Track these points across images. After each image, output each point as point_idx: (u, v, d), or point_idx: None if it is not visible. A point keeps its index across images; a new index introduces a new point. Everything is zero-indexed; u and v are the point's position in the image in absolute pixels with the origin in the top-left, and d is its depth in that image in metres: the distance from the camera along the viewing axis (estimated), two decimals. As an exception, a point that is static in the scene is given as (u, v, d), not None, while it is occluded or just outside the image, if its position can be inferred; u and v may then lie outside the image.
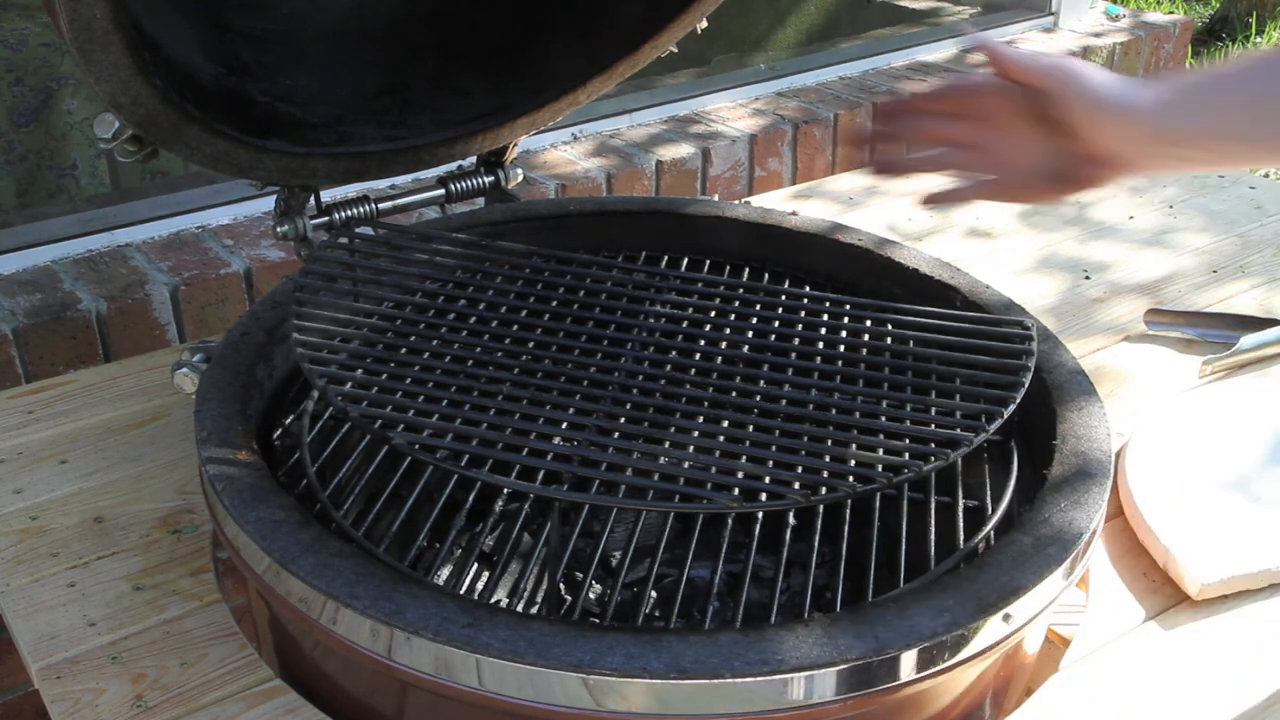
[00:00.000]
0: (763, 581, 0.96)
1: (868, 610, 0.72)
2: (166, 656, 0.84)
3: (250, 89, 1.02)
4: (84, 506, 0.99)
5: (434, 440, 0.78)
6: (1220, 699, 0.81)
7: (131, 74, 0.84)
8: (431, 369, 0.86)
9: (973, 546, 0.83)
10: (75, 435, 1.08)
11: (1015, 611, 0.73)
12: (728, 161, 1.80)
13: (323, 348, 0.86)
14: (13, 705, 1.31)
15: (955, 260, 1.14)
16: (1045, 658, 0.87)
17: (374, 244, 1.02)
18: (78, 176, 1.68)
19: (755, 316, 0.98)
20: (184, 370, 0.98)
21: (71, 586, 0.91)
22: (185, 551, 0.95)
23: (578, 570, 0.99)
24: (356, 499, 0.90)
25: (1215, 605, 0.89)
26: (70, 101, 1.65)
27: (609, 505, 0.90)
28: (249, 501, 0.79)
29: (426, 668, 0.71)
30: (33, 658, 0.84)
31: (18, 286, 1.39)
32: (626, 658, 0.68)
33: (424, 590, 0.72)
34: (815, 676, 0.68)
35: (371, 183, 1.48)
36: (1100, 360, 1.20)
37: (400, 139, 1.08)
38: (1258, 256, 1.40)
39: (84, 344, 1.36)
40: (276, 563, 0.75)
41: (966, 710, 0.79)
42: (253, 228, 1.53)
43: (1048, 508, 0.81)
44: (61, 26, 0.79)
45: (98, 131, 0.90)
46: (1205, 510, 0.95)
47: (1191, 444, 1.03)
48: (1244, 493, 0.97)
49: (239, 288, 1.44)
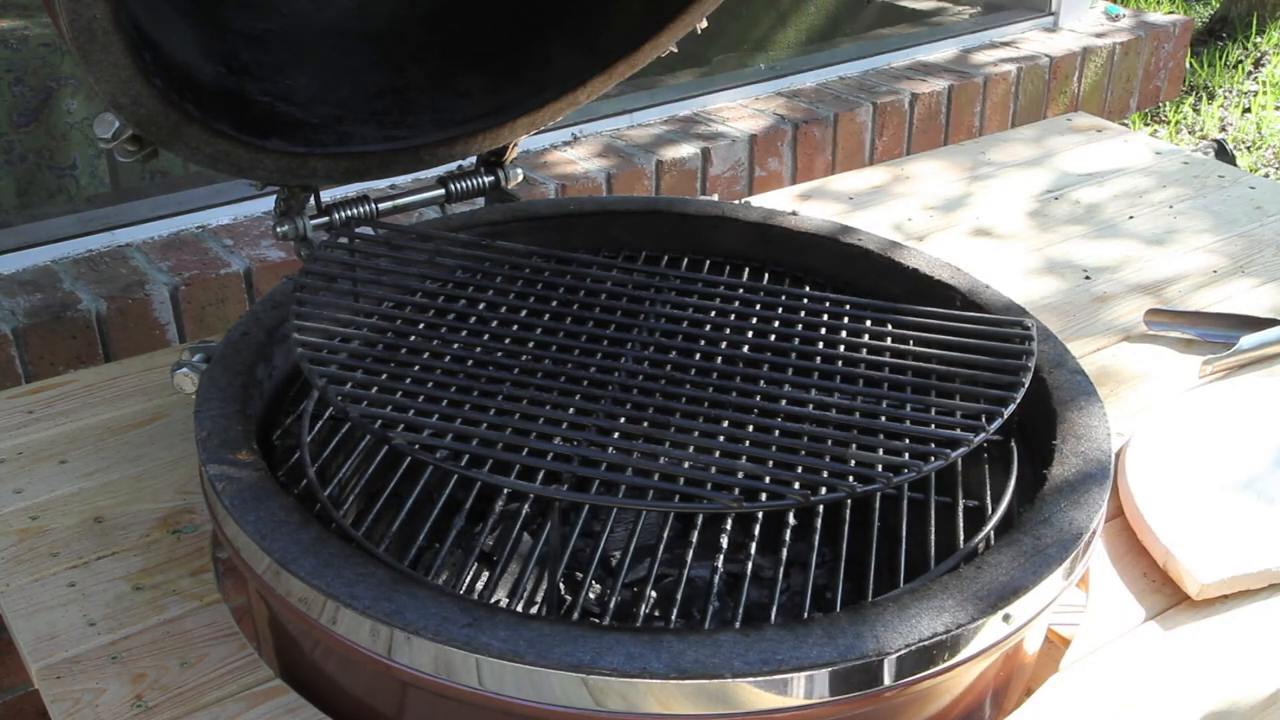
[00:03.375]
0: (763, 581, 0.96)
1: (868, 610, 0.72)
2: (166, 656, 0.84)
3: (250, 89, 1.02)
4: (84, 506, 0.99)
5: (434, 440, 0.78)
6: (1220, 699, 0.81)
7: (131, 74, 0.84)
8: (431, 369, 0.86)
9: (973, 546, 0.83)
10: (75, 435, 1.08)
11: (1015, 611, 0.73)
12: (728, 161, 1.80)
13: (323, 348, 0.86)
14: (13, 705, 1.31)
15: (956, 260, 1.14)
16: (1045, 658, 0.87)
17: (374, 244, 1.02)
18: (78, 176, 1.68)
19: (755, 316, 0.98)
20: (184, 370, 0.98)
21: (71, 586, 0.91)
22: (185, 551, 0.95)
23: (578, 570, 0.99)
24: (356, 499, 0.90)
25: (1215, 605, 0.89)
26: (70, 101, 1.64)
27: (609, 505, 0.90)
28: (249, 501, 0.79)
29: (426, 668, 0.71)
30: (33, 658, 0.84)
31: (18, 286, 1.39)
32: (626, 658, 0.68)
33: (424, 590, 0.72)
34: (815, 676, 0.68)
35: (371, 183, 1.48)
36: (1100, 360, 1.20)
37: (400, 139, 1.08)
38: (1258, 256, 1.40)
39: (84, 344, 1.36)
40: (276, 563, 0.75)
41: (967, 710, 0.79)
42: (253, 228, 1.53)
43: (1048, 508, 0.81)
44: (61, 26, 0.79)
45: (98, 131, 0.90)
46: (1205, 510, 0.95)
47: (1192, 444, 1.03)
48: (1245, 493, 0.97)
49: (239, 288, 1.44)
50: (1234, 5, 3.76)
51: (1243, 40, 3.63)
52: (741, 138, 1.80)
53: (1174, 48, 2.35)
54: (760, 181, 1.84)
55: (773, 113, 1.89)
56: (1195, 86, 3.33)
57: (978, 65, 2.09)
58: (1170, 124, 3.12)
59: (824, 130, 1.88)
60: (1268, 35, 3.64)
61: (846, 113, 1.90)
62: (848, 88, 2.00)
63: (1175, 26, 2.34)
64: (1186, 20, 2.39)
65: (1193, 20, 2.68)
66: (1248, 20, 3.67)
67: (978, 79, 2.04)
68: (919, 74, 2.06)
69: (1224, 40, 3.64)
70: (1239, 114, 3.22)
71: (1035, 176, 1.60)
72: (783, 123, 1.85)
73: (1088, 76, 2.21)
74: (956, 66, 2.09)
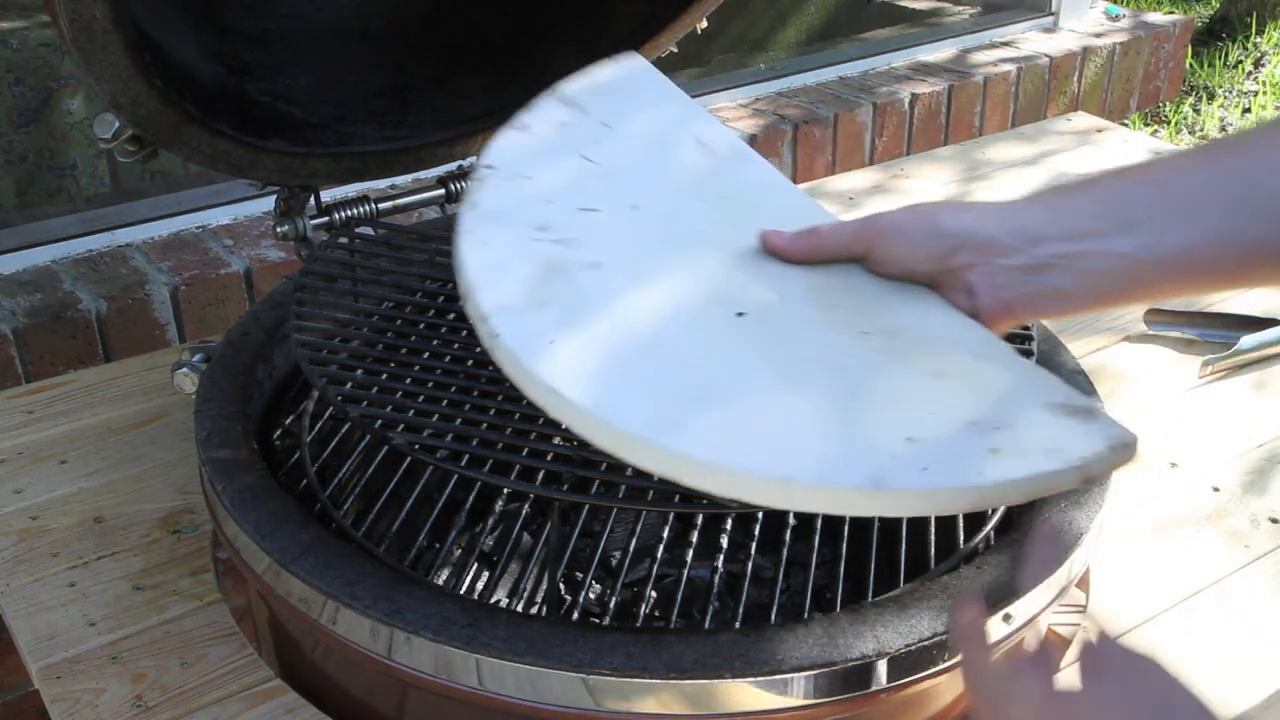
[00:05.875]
0: (763, 581, 0.96)
1: (868, 610, 0.72)
2: (166, 656, 0.84)
3: (250, 89, 1.02)
4: (84, 506, 0.99)
5: (434, 440, 0.78)
6: (1220, 699, 0.81)
7: (131, 74, 0.84)
8: (432, 369, 0.86)
9: (973, 546, 0.83)
10: (75, 435, 1.08)
11: (1015, 611, 0.73)
12: (728, 161, 1.80)
13: (323, 348, 0.86)
14: (13, 705, 1.31)
15: (955, 260, 1.14)
16: (1045, 658, 0.87)
17: (374, 244, 1.02)
18: (78, 176, 1.68)
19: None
20: (184, 370, 0.98)
21: (71, 586, 0.91)
22: (185, 551, 0.95)
23: (578, 570, 0.99)
24: (356, 499, 0.90)
25: (1215, 605, 0.89)
26: (70, 101, 1.65)
27: (609, 505, 0.90)
28: (249, 501, 0.79)
29: (426, 668, 0.71)
30: (33, 658, 0.84)
31: (18, 286, 1.39)
32: (626, 658, 0.68)
33: (424, 590, 0.72)
34: (815, 676, 0.68)
35: (371, 183, 1.48)
36: (1100, 360, 1.20)
37: (400, 139, 1.08)
38: (1258, 256, 1.39)
39: (84, 344, 1.36)
40: (276, 563, 0.75)
41: (966, 710, 0.79)
42: (253, 228, 1.53)
43: (1048, 508, 0.81)
44: (61, 26, 0.79)
45: (98, 131, 0.90)
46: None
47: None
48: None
49: (239, 288, 1.44)
50: (1234, 5, 3.76)
51: (1243, 40, 3.63)
52: (741, 138, 1.80)
53: (1174, 48, 2.35)
54: (760, 181, 1.84)
55: (773, 113, 1.89)
56: (1195, 86, 3.32)
57: (977, 65, 2.09)
58: (1170, 124, 3.12)
59: (824, 130, 1.88)
60: (1267, 35, 3.64)
61: (846, 113, 1.90)
62: (848, 88, 2.00)
63: (1175, 26, 2.34)
64: (1186, 20, 2.39)
65: (1193, 20, 2.67)
66: (1248, 20, 3.67)
67: (977, 79, 2.04)
68: (919, 74, 2.06)
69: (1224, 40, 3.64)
70: (1239, 114, 3.22)
71: (1035, 176, 1.60)
72: (783, 123, 1.85)
73: (1087, 77, 2.21)
74: (956, 66, 2.09)
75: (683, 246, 0.78)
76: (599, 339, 0.68)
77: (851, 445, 0.62)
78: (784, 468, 0.60)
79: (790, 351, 0.69)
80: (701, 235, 0.79)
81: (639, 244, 0.77)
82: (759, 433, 0.63)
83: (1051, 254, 0.67)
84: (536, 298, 0.70)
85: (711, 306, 0.72)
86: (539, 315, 0.69)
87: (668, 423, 0.62)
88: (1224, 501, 1.01)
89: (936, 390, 0.66)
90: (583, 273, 0.73)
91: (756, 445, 0.62)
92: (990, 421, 0.63)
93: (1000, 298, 0.69)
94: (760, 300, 0.73)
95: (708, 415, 0.63)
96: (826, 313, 0.72)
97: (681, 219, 0.81)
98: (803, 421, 0.64)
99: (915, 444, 0.61)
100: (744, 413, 0.64)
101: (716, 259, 0.77)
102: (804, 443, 0.62)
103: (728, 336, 0.70)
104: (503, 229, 0.76)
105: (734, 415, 0.64)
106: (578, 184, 0.82)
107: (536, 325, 0.68)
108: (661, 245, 0.78)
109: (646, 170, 0.85)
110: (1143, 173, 0.68)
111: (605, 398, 0.63)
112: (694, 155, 0.87)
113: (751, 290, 0.74)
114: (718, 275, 0.75)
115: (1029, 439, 0.62)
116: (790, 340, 0.70)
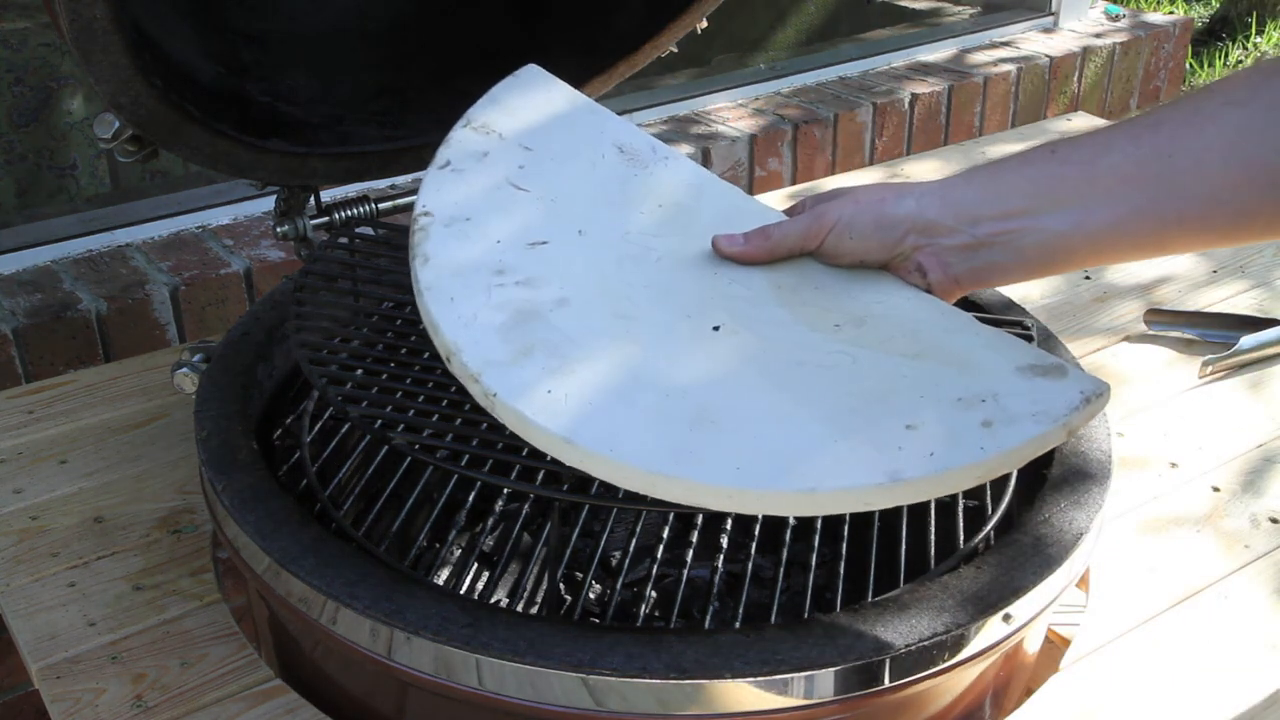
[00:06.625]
0: (763, 581, 0.96)
1: (868, 610, 0.72)
2: (166, 656, 0.84)
3: (250, 89, 1.02)
4: (84, 506, 0.99)
5: (434, 440, 0.78)
6: (1220, 699, 0.81)
7: (131, 74, 0.84)
8: (432, 369, 0.86)
9: (973, 546, 0.83)
10: (75, 435, 1.08)
11: (1015, 611, 0.73)
12: (728, 161, 1.80)
13: (323, 348, 0.86)
14: (13, 705, 1.31)
15: (955, 260, 1.14)
16: (1045, 658, 0.87)
17: (374, 244, 1.02)
18: (78, 176, 1.68)
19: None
20: (184, 370, 0.98)
21: (71, 586, 0.91)
22: (185, 551, 0.95)
23: (578, 570, 0.99)
24: (356, 499, 0.90)
25: (1215, 605, 0.89)
26: (70, 101, 1.65)
27: (609, 505, 0.90)
28: (249, 501, 0.79)
29: (426, 668, 0.71)
30: (33, 658, 0.84)
31: (18, 286, 1.39)
32: (626, 658, 0.68)
33: (424, 590, 0.72)
34: (815, 676, 0.68)
35: (371, 183, 1.48)
36: (1100, 360, 1.20)
37: (400, 139, 1.08)
38: (1257, 257, 1.40)
39: (84, 344, 1.36)
40: (276, 563, 0.75)
41: (967, 710, 0.79)
42: (253, 228, 1.53)
43: (1048, 508, 0.81)
44: (61, 26, 0.79)
45: (98, 131, 0.90)
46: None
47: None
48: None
49: (239, 288, 1.44)
50: (1234, 5, 3.76)
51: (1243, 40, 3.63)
52: (741, 138, 1.80)
53: (1174, 48, 2.35)
54: (760, 181, 1.84)
55: (773, 113, 1.89)
56: (1195, 86, 3.33)
57: (977, 65, 2.09)
58: (1170, 124, 3.12)
59: (824, 130, 1.88)
60: (1267, 35, 3.64)
61: (846, 113, 1.90)
62: (848, 88, 2.00)
63: (1175, 26, 2.34)
64: (1186, 20, 2.39)
65: (1193, 20, 2.67)
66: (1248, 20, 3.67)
67: (977, 79, 2.04)
68: (919, 74, 2.06)
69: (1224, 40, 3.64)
70: (1239, 114, 3.21)
71: (1035, 176, 1.59)
72: (783, 123, 1.85)
73: (1087, 77, 2.21)
74: (956, 66, 2.09)
75: (639, 265, 0.79)
76: (592, 380, 0.69)
77: (861, 445, 0.64)
78: (805, 480, 0.63)
79: (774, 359, 0.71)
80: (653, 251, 0.80)
81: (597, 271, 0.78)
82: (772, 449, 0.65)
83: (989, 233, 0.73)
84: (519, 348, 0.70)
85: (685, 324, 0.74)
86: (527, 365, 0.69)
87: (687, 455, 0.64)
88: (1223, 501, 1.01)
89: (919, 372, 0.69)
90: (554, 312, 0.74)
91: (774, 462, 0.64)
92: (975, 395, 0.67)
93: (949, 274, 0.76)
94: (730, 310, 0.75)
95: (720, 440, 0.65)
96: (796, 311, 0.75)
97: (630, 237, 0.81)
98: (808, 429, 0.66)
99: (915, 431, 0.65)
100: (752, 431, 0.66)
101: (674, 273, 0.78)
102: (816, 451, 0.64)
103: (711, 353, 0.71)
104: (462, 281, 0.76)
105: (744, 435, 0.65)
106: (518, 217, 0.82)
107: (528, 377, 0.68)
108: (619, 268, 0.79)
109: (579, 190, 0.85)
110: (1071, 151, 0.72)
111: (620, 440, 0.65)
112: (620, 165, 0.87)
113: (719, 301, 0.76)
114: (682, 290, 0.77)
115: (1014, 406, 0.66)
116: (771, 347, 0.72)
